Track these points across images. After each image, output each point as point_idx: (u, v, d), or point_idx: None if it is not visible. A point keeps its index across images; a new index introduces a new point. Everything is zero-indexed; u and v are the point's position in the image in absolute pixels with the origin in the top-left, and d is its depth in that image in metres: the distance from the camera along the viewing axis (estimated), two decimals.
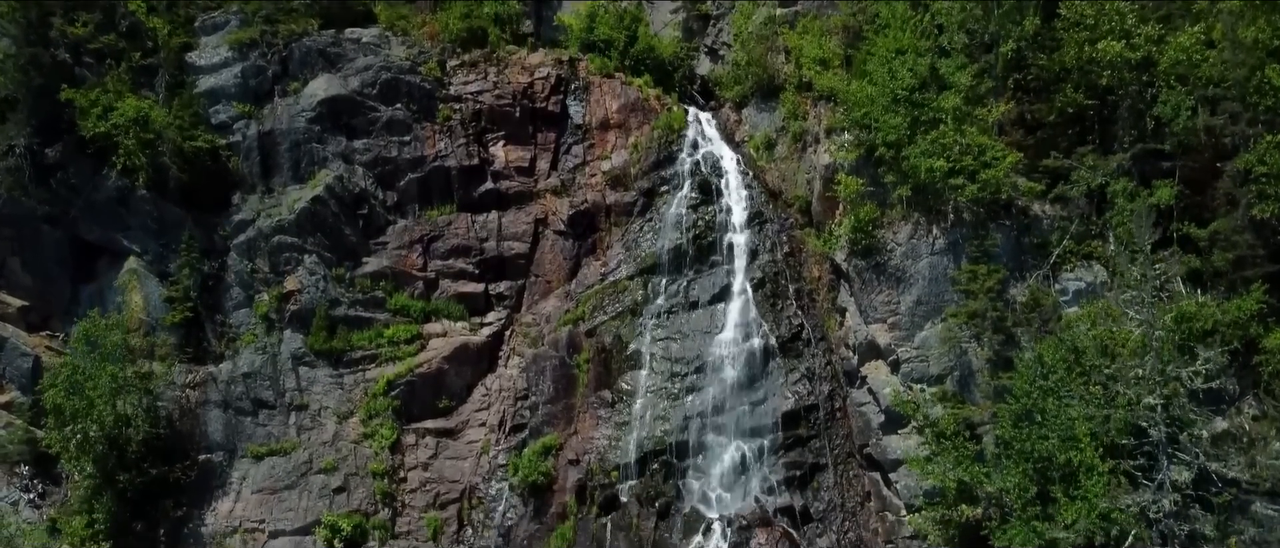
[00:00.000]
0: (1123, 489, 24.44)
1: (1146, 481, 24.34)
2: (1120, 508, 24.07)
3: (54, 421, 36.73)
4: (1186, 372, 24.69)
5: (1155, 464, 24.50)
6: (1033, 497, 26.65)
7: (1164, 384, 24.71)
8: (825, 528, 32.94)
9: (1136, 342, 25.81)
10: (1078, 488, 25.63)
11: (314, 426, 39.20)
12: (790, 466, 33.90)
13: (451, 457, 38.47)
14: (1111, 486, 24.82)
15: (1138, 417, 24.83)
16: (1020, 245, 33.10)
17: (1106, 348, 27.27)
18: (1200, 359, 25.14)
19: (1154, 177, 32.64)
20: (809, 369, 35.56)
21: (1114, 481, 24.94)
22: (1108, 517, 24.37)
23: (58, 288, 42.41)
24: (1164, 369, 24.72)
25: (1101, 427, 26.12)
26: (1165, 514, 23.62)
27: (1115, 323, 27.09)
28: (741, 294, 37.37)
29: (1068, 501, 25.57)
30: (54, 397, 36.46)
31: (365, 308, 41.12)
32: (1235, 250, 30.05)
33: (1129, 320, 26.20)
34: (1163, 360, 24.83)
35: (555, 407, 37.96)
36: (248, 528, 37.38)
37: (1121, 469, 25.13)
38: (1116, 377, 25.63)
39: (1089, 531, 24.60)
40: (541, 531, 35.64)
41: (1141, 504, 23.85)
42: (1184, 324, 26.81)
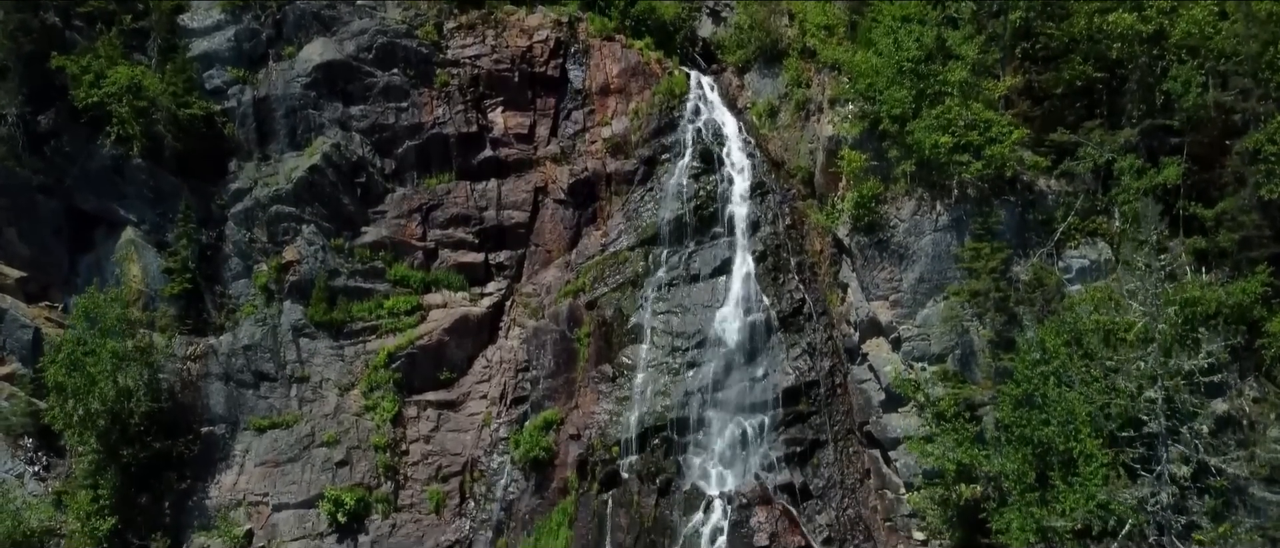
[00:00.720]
0: (1121, 481, 24.68)
1: (1145, 472, 24.55)
2: (1119, 501, 24.28)
3: (55, 398, 36.99)
4: (1189, 364, 24.74)
5: (1154, 455, 24.70)
6: (1032, 483, 26.93)
7: (1166, 377, 24.76)
8: (825, 505, 33.36)
9: (1139, 332, 25.80)
10: (1076, 475, 25.90)
11: (315, 398, 39.53)
12: (790, 442, 34.23)
13: (453, 429, 38.85)
14: (1110, 476, 25.04)
15: (1138, 409, 24.96)
16: (1024, 222, 32.96)
17: (1109, 336, 27.27)
18: (1202, 353, 25.13)
19: (1162, 153, 32.39)
20: (810, 344, 35.69)
21: (1113, 471, 25.16)
22: (1105, 507, 24.65)
23: (55, 258, 42.46)
24: (1166, 363, 24.76)
25: (1101, 412, 26.26)
26: (1163, 507, 23.88)
27: (1118, 310, 27.04)
28: (743, 267, 37.35)
29: (1067, 489, 25.83)
30: (55, 374, 36.72)
31: (365, 278, 41.20)
32: (1241, 230, 29.96)
33: (1132, 310, 26.14)
34: (1165, 353, 24.86)
35: (556, 381, 38.22)
36: (252, 501, 37.95)
37: (1120, 460, 25.32)
38: (1118, 368, 25.66)
39: (1086, 519, 24.91)
40: (543, 505, 36.15)
41: (1140, 497, 24.08)
42: (1187, 308, 26.76)
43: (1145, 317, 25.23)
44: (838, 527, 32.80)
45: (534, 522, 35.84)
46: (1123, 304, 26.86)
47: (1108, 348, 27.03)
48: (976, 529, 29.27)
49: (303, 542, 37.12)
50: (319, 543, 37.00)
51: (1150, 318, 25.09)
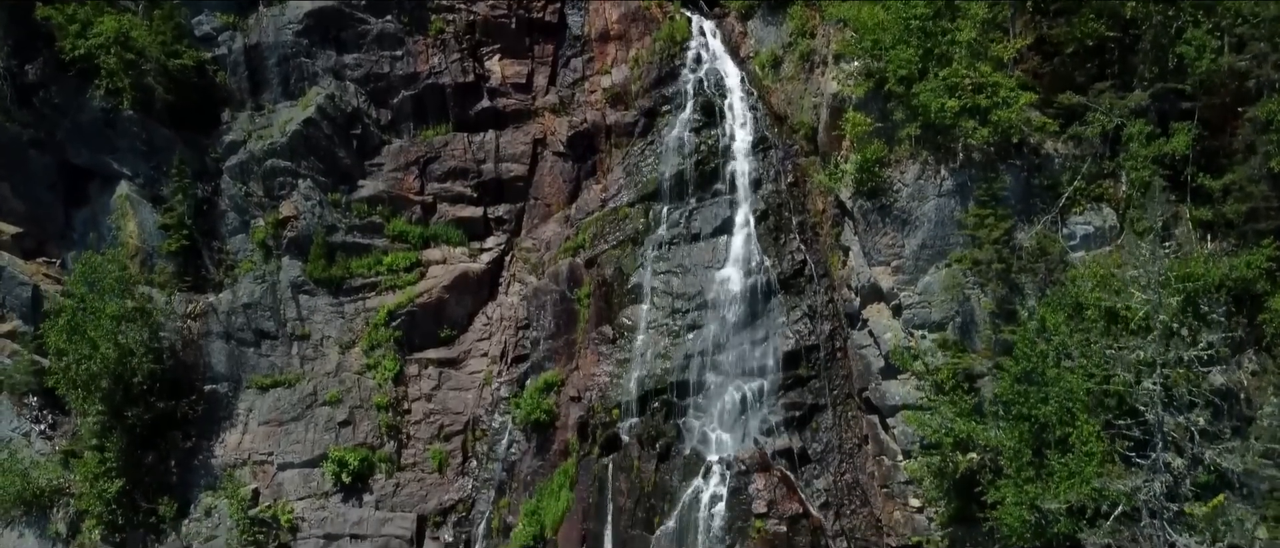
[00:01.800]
0: (1116, 468, 25.10)
1: (1140, 460, 24.96)
2: (1113, 488, 24.74)
3: (57, 362, 37.42)
4: (1188, 354, 24.92)
5: (1150, 441, 25.07)
6: (1028, 461, 27.41)
7: (1164, 367, 24.95)
8: (822, 470, 34.00)
9: (1139, 321, 25.89)
10: (1071, 453, 26.35)
11: (316, 356, 40.03)
12: (790, 406, 34.70)
13: (454, 388, 39.42)
14: (1106, 463, 25.46)
15: (1136, 399, 25.23)
16: (1030, 187, 32.71)
17: (1111, 320, 27.37)
18: (1202, 342, 25.27)
19: (1173, 117, 31.89)
20: (811, 307, 35.87)
21: (1109, 457, 25.57)
22: (1100, 492, 25.13)
23: (50, 213, 42.56)
24: (1165, 354, 24.93)
25: (1099, 387, 26.54)
26: (1156, 495, 24.34)
27: (1119, 295, 27.05)
28: (744, 227, 37.30)
29: (1062, 470, 26.29)
30: (56, 340, 37.07)
31: (363, 234, 41.31)
32: (1249, 202, 29.72)
33: (1133, 299, 26.18)
34: (1165, 344, 25.00)
35: (556, 342, 38.59)
36: (257, 461, 38.75)
37: (1116, 448, 25.72)
38: (1117, 359, 25.84)
39: (1080, 501, 25.45)
40: (545, 467, 36.90)
41: (1133, 487, 24.53)
42: (1189, 285, 26.79)
43: (1146, 305, 25.25)
44: (835, 492, 33.52)
45: (536, 483, 36.66)
46: (1124, 290, 26.77)
47: (1108, 336, 27.10)
48: (972, 500, 29.85)
49: (308, 501, 38.09)
50: (324, 503, 37.93)
51: (1152, 306, 25.11)
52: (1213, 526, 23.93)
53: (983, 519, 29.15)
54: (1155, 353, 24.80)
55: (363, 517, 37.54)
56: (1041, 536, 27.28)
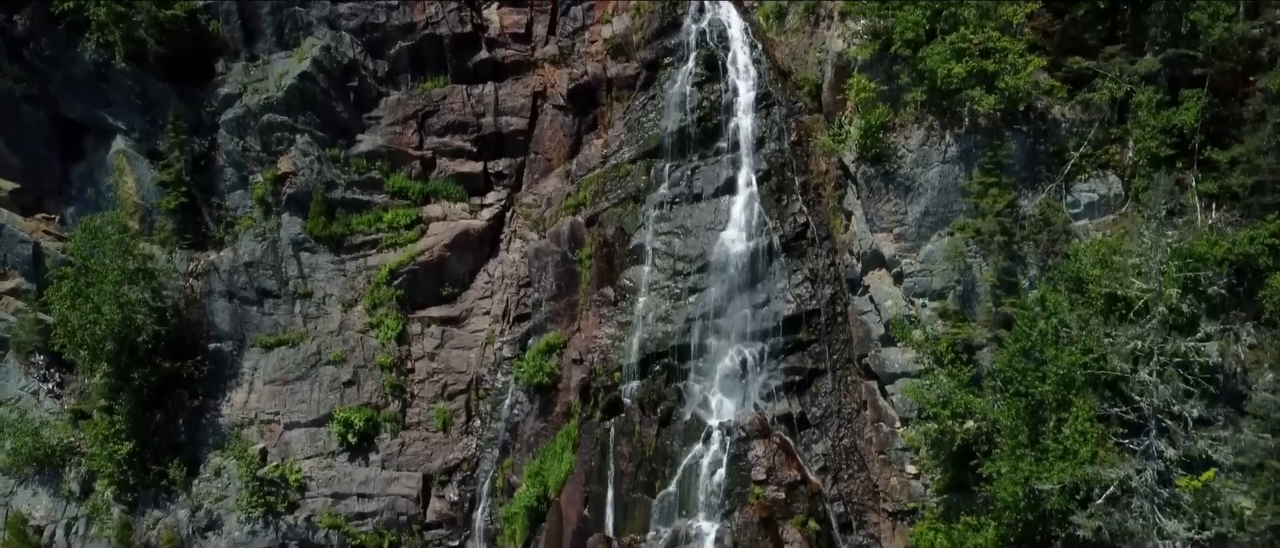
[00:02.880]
0: (1110, 454, 25.67)
1: (1134, 446, 25.54)
2: (1106, 475, 25.36)
3: (62, 329, 37.90)
4: (1186, 344, 25.25)
5: (1143, 427, 25.61)
6: (1023, 439, 28.04)
7: (1161, 358, 25.31)
8: (821, 434, 34.72)
9: (1139, 311, 26.13)
10: (1066, 434, 26.96)
11: (319, 314, 40.49)
12: (790, 371, 35.24)
13: (457, 346, 39.97)
14: (1099, 447, 26.04)
15: (1131, 388, 25.67)
16: (1035, 153, 32.67)
17: (1110, 305, 27.64)
18: (1201, 332, 25.60)
19: (1184, 83, 31.63)
20: (812, 271, 36.11)
21: (1102, 441, 26.14)
22: (1092, 478, 25.78)
23: (47, 168, 42.61)
24: (1163, 345, 25.26)
25: (1095, 371, 26.97)
26: (1147, 483, 24.97)
27: (1119, 282, 27.24)
28: (746, 187, 37.28)
29: (1056, 451, 26.93)
30: (61, 307, 37.46)
31: (362, 190, 41.34)
32: (1256, 174, 29.66)
33: (1133, 285, 26.39)
34: (1162, 336, 25.32)
35: (558, 304, 38.96)
36: (263, 420, 39.57)
37: (1111, 430, 26.27)
38: (1114, 347, 26.18)
39: (1072, 483, 26.15)
40: (547, 428, 37.66)
41: (1124, 475, 25.15)
42: (1190, 270, 27.00)
43: (1147, 294, 25.50)
44: (833, 456, 34.30)
45: (539, 445, 37.48)
46: (1124, 276, 26.95)
47: (1107, 319, 27.40)
48: (968, 470, 30.62)
49: (315, 460, 39.00)
50: (331, 462, 38.86)
51: (1152, 296, 25.37)
52: (1201, 511, 24.59)
53: (977, 491, 29.95)
54: (1153, 343, 25.13)
55: (369, 477, 38.52)
56: (1034, 510, 28.10)
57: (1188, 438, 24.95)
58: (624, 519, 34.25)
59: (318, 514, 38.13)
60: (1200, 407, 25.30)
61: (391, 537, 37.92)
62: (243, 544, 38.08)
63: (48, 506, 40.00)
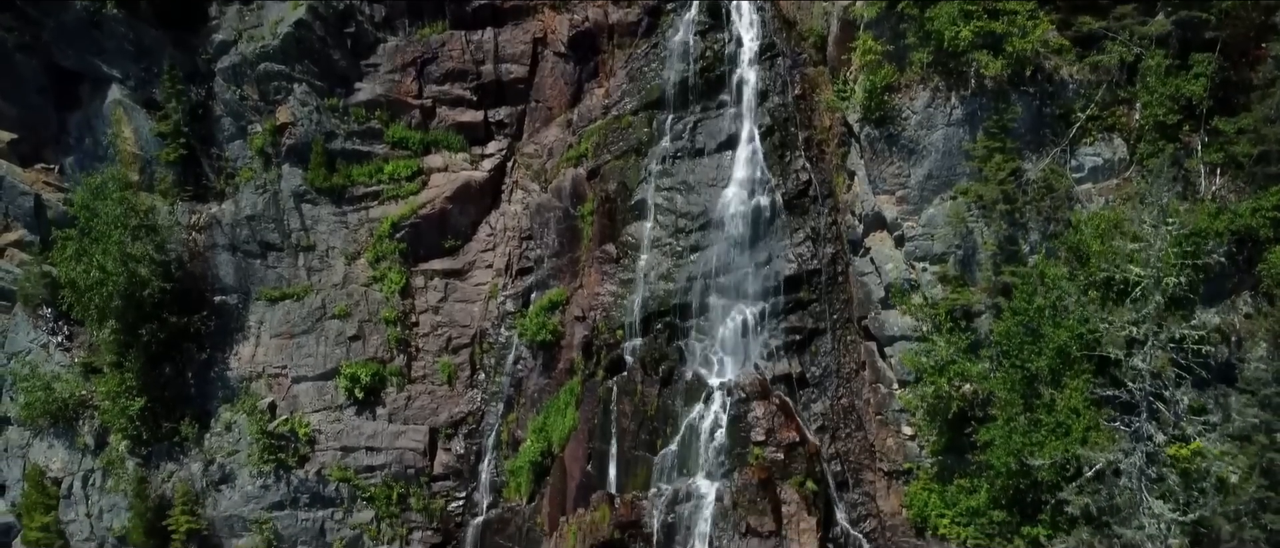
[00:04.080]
0: (1102, 434, 26.40)
1: (1124, 427, 26.24)
2: (1096, 458, 26.14)
3: (70, 292, 38.43)
4: (1180, 331, 25.69)
5: (1135, 408, 26.29)
6: (1018, 411, 28.80)
7: (1156, 345, 25.80)
8: (820, 394, 35.47)
9: (1135, 299, 26.50)
10: (1059, 409, 27.71)
11: (323, 267, 40.95)
12: (790, 331, 35.78)
13: (460, 300, 40.53)
14: (1090, 429, 26.78)
15: (1125, 374, 26.23)
16: (1041, 116, 32.59)
17: (1108, 285, 28.00)
18: (1196, 320, 26.03)
19: (1195, 47, 31.37)
20: (814, 229, 36.34)
21: (1093, 425, 26.86)
22: (1082, 458, 26.60)
23: (43, 118, 42.67)
24: (1158, 333, 25.71)
25: (1091, 353, 27.55)
26: (1135, 466, 25.76)
27: (1117, 266, 27.56)
28: (749, 143, 37.20)
29: (1049, 423, 27.71)
30: (66, 270, 37.93)
31: (362, 140, 41.36)
32: (1262, 144, 29.68)
33: (1131, 272, 26.72)
34: (1158, 326, 25.75)
35: (560, 260, 39.35)
36: (271, 374, 40.42)
37: (1102, 413, 26.95)
38: (1110, 334, 26.63)
39: (1063, 459, 27.03)
40: (551, 385, 38.47)
41: (1113, 459, 25.92)
42: (1190, 255, 27.29)
43: (1145, 279, 25.86)
44: (831, 416, 35.13)
45: (542, 400, 38.37)
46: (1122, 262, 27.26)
47: (1104, 301, 27.81)
48: (962, 434, 31.47)
49: (323, 414, 40.00)
50: (339, 415, 39.84)
51: (1150, 283, 25.74)
52: (1187, 490, 25.48)
53: (971, 457, 30.87)
54: (1148, 331, 25.61)
55: (377, 430, 39.56)
56: (1025, 478, 29.05)
57: (1177, 427, 25.59)
58: (626, 476, 35.35)
59: (327, 467, 39.35)
60: (1192, 394, 25.89)
61: (400, 489, 39.21)
62: (256, 498, 39.40)
63: (64, 458, 41.26)
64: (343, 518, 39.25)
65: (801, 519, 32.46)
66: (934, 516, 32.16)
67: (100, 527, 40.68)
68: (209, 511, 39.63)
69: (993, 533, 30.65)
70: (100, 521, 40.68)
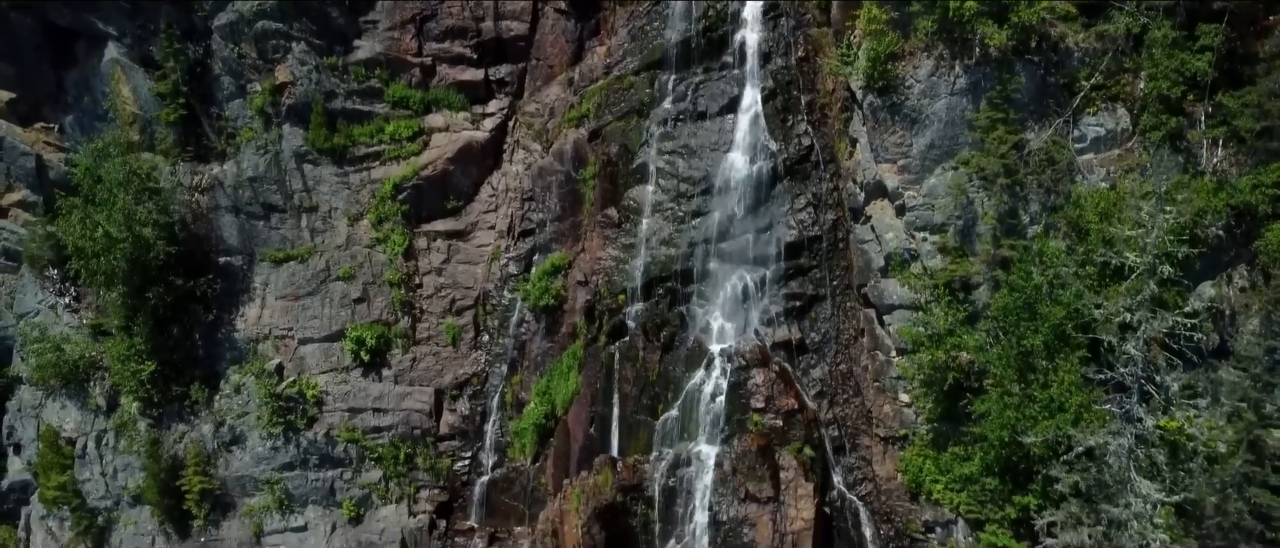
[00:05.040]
0: (1094, 416, 27.13)
1: (1115, 408, 26.94)
2: (1087, 440, 26.91)
3: (77, 260, 38.88)
4: (1172, 319, 26.19)
5: (1126, 390, 26.95)
6: (1012, 387, 29.51)
7: (1149, 331, 26.33)
8: (819, 360, 36.17)
9: (1131, 285, 26.92)
10: (1052, 388, 28.43)
11: (326, 228, 41.36)
12: (790, 297, 36.33)
13: (463, 261, 41.05)
14: (1084, 411, 27.52)
15: (1117, 360, 26.81)
16: (1045, 86, 32.62)
17: (1104, 270, 28.44)
18: (1189, 305, 26.52)
19: (1202, 17, 31.23)
20: (815, 195, 36.62)
21: (1086, 407, 27.58)
22: (1073, 438, 27.40)
23: (40, 76, 42.67)
24: (1151, 320, 26.20)
25: (1086, 334, 28.15)
26: (1123, 447, 26.52)
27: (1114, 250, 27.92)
28: (751, 107, 37.26)
29: (1042, 399, 28.46)
30: (73, 239, 38.34)
31: (362, 100, 41.42)
32: (1266, 120, 29.79)
33: (1126, 257, 27.11)
34: (1151, 313, 26.23)
35: (562, 224, 39.71)
36: (278, 335, 41.13)
37: (1094, 394, 27.63)
38: (1103, 321, 27.15)
39: (1055, 436, 27.87)
40: (554, 348, 39.21)
41: (1101, 442, 26.67)
42: (1186, 241, 27.69)
43: (1141, 263, 26.31)
44: (830, 382, 35.89)
45: (546, 364, 39.15)
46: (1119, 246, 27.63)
47: (1100, 285, 28.27)
48: (957, 404, 32.24)
49: (330, 375, 40.84)
50: (345, 377, 40.69)
51: (1145, 270, 26.18)
52: (1174, 470, 26.33)
53: (965, 429, 31.73)
54: (1141, 318, 26.15)
55: (383, 392, 40.46)
56: (1017, 451, 29.93)
57: (1168, 411, 26.30)
58: (628, 440, 36.34)
59: (335, 428, 40.35)
60: (1181, 382, 26.55)
61: (407, 449, 40.29)
62: (266, 459, 40.51)
63: (77, 419, 42.26)
64: (352, 478, 40.46)
65: (799, 485, 33.51)
66: (928, 481, 33.15)
67: (115, 486, 41.94)
68: (221, 471, 40.82)
69: (985, 500, 31.65)
70: (115, 480, 41.91)
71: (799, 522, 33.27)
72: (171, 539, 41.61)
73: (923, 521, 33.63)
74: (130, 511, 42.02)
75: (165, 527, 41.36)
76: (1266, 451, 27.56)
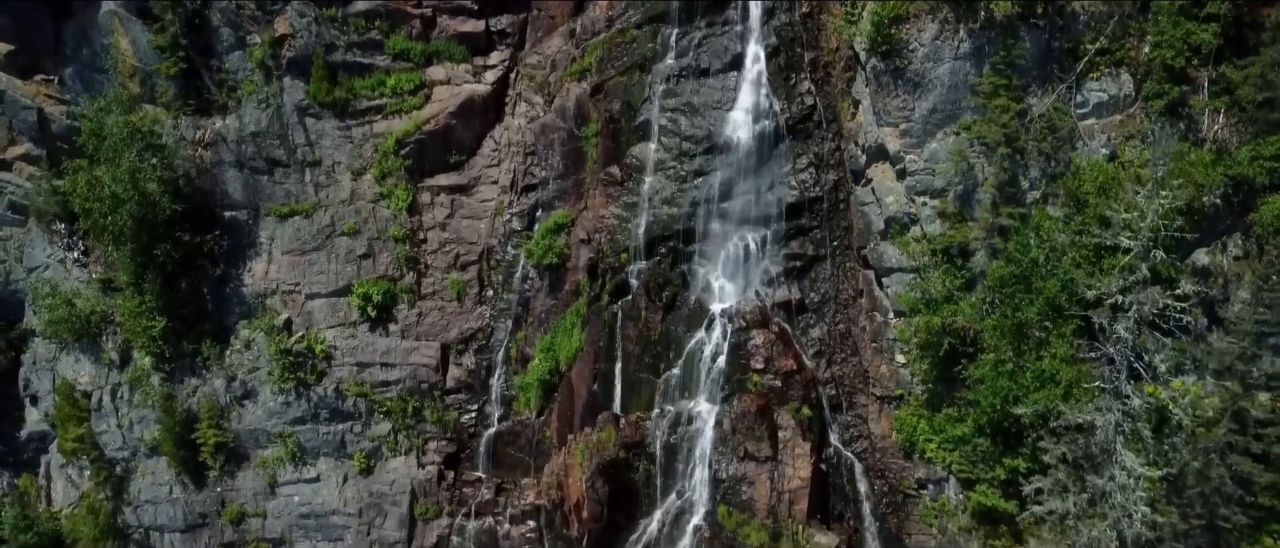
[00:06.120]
0: (1085, 391, 28.12)
1: (1104, 384, 27.90)
2: (1076, 416, 27.97)
3: (86, 221, 39.49)
4: (1163, 299, 26.91)
5: (1114, 364, 27.88)
6: (1006, 356, 30.49)
7: (1141, 312, 27.09)
8: (819, 319, 37.07)
9: (1125, 266, 27.55)
10: (1045, 360, 29.40)
11: (330, 182, 41.87)
12: (791, 257, 37.02)
13: (467, 216, 41.65)
14: (1074, 387, 28.50)
15: (1108, 339, 27.63)
16: (1049, 51, 32.76)
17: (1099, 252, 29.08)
18: (1182, 282, 27.22)
19: None
20: (817, 155, 37.01)
21: (1076, 383, 28.55)
22: (1063, 412, 28.47)
23: (38, 27, 42.70)
24: (1143, 306, 26.94)
25: (1079, 312, 28.99)
26: (1111, 425, 27.55)
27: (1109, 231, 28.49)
28: (755, 64, 37.35)
29: (1035, 369, 29.46)
30: (81, 202, 38.92)
31: (363, 52, 41.53)
32: (1268, 90, 30.10)
33: (1120, 240, 27.71)
34: (1142, 295, 26.95)
35: (565, 183, 40.17)
36: (286, 290, 42.03)
37: (1084, 370, 28.59)
38: (1098, 300, 27.87)
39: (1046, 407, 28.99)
40: (557, 305, 40.08)
41: (1088, 420, 27.69)
42: (1185, 197, 28.26)
43: (1133, 253, 26.96)
44: (828, 341, 36.86)
45: (550, 321, 40.08)
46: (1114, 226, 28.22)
47: (1095, 265, 28.94)
48: (952, 368, 33.25)
49: (338, 330, 41.86)
50: (353, 331, 41.70)
51: (1139, 252, 26.83)
52: (1159, 444, 27.44)
53: (960, 394, 32.81)
54: (1133, 301, 26.91)
55: (391, 347, 41.51)
56: (1009, 417, 31.09)
57: (1155, 389, 27.28)
58: (631, 397, 37.53)
59: (345, 383, 41.58)
60: (1169, 363, 27.46)
61: (415, 402, 41.56)
62: (278, 413, 41.85)
63: (91, 372, 43.48)
64: (361, 431, 41.87)
65: (797, 444, 34.78)
66: (922, 440, 34.41)
67: (132, 437, 43.42)
68: (234, 424, 42.21)
69: (976, 461, 32.93)
70: (131, 432, 43.37)
71: (796, 481, 34.64)
72: (189, 489, 43.34)
73: (916, 478, 35.02)
74: (147, 461, 43.64)
75: (182, 477, 43.04)
76: (1250, 420, 28.71)
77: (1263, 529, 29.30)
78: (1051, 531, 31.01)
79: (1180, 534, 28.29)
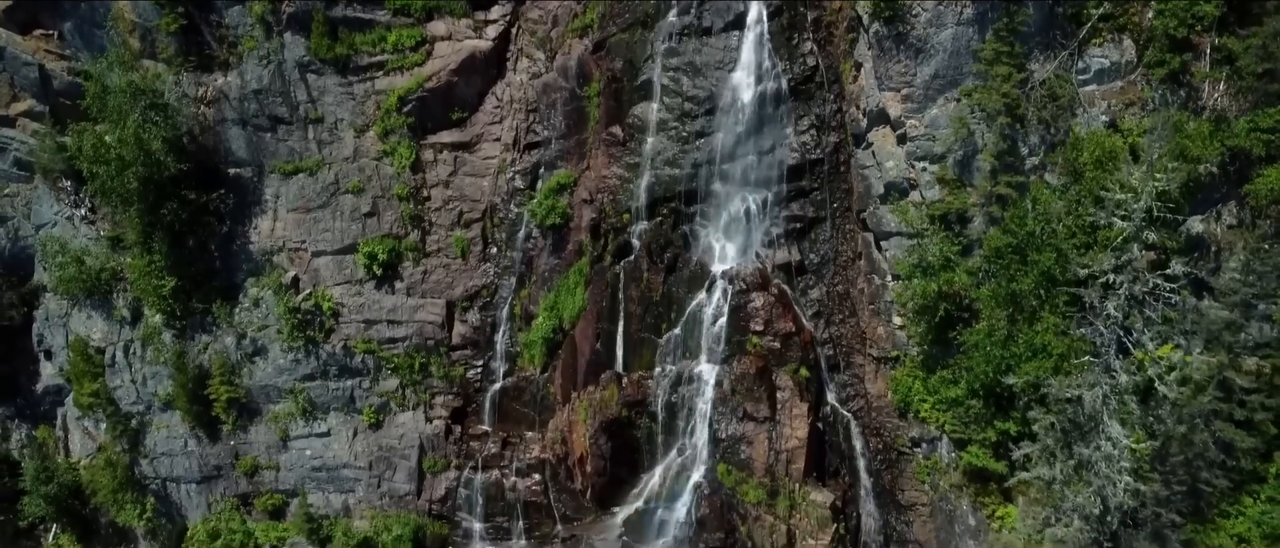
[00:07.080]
0: (1075, 365, 29.08)
1: (1093, 358, 28.86)
2: (1067, 391, 28.96)
3: (93, 184, 40.08)
4: (1154, 279, 27.67)
5: (1105, 343, 28.80)
6: (1000, 323, 31.42)
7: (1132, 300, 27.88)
8: (818, 280, 37.91)
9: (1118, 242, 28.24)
10: (1037, 331, 30.33)
11: (332, 139, 42.33)
12: (791, 219, 37.72)
13: (470, 173, 42.20)
14: (1065, 360, 29.45)
15: (1099, 316, 28.47)
16: (1052, 17, 32.98)
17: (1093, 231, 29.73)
18: (1173, 266, 27.94)
19: None
20: (819, 116, 37.39)
21: (1066, 356, 29.49)
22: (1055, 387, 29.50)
23: None
24: (1133, 286, 27.69)
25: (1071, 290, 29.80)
26: (1100, 398, 28.57)
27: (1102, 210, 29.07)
28: (757, 24, 37.49)
29: (1027, 336, 30.43)
30: (88, 167, 39.47)
31: (363, 6, 41.62)
32: (1269, 62, 30.42)
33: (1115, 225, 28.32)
34: (1133, 277, 27.68)
35: (567, 142, 40.61)
36: (292, 248, 42.82)
37: (1075, 345, 29.52)
38: (1089, 279, 28.59)
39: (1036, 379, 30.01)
40: (561, 264, 40.89)
41: (1078, 394, 28.68)
42: (1179, 179, 28.84)
43: (1125, 235, 27.63)
44: (827, 302, 37.77)
45: (553, 280, 40.94)
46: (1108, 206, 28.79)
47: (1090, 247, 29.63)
48: (947, 333, 34.21)
49: (344, 288, 42.76)
50: (360, 289, 42.61)
51: (1131, 232, 27.51)
52: (1145, 416, 28.54)
53: (954, 357, 33.85)
54: (1124, 279, 27.71)
55: (397, 304, 42.48)
56: (1000, 384, 32.19)
57: (1142, 371, 28.24)
58: (633, 356, 38.63)
59: (352, 340, 42.65)
60: (1156, 342, 28.35)
61: (421, 359, 42.69)
62: (288, 370, 43.03)
63: (103, 329, 44.55)
64: (370, 387, 43.12)
65: (794, 405, 35.99)
66: (917, 400, 35.59)
67: (146, 392, 44.73)
68: (245, 380, 43.45)
69: (968, 422, 34.15)
70: (145, 387, 44.66)
71: (793, 440, 35.94)
72: (203, 442, 44.83)
73: (909, 437, 36.31)
74: (162, 415, 45.05)
75: (196, 431, 44.48)
76: (1235, 388, 29.78)
77: (1242, 490, 30.67)
78: (1039, 491, 32.39)
79: (1162, 500, 29.61)
